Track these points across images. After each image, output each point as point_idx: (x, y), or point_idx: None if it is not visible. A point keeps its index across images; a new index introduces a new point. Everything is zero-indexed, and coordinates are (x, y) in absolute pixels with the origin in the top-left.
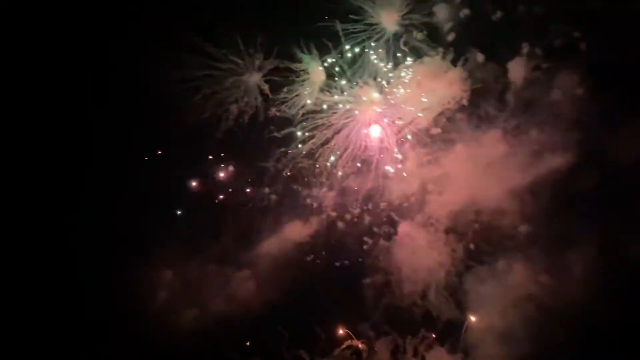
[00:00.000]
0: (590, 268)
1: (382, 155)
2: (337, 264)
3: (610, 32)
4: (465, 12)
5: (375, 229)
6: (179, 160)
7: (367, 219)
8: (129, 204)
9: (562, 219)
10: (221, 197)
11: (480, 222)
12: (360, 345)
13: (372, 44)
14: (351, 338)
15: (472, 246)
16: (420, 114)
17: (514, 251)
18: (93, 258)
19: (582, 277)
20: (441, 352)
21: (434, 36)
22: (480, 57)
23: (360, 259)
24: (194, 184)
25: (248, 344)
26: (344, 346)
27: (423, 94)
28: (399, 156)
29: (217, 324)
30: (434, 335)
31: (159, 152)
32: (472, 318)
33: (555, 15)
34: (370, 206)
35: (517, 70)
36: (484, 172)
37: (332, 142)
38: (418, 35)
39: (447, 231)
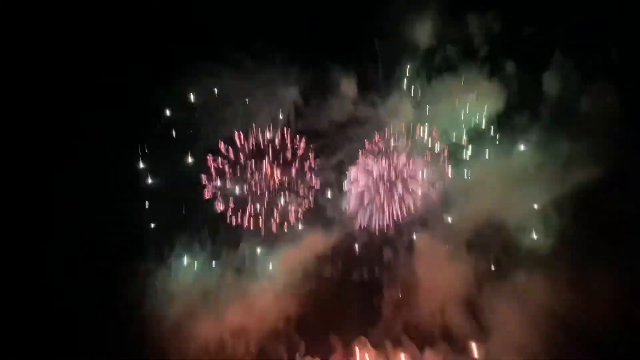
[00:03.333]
0: (612, 287)
1: (410, 168)
2: (357, 276)
3: None
4: (498, 25)
5: (397, 243)
6: (205, 169)
7: (389, 232)
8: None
9: (586, 236)
10: (245, 207)
11: (502, 237)
12: (375, 356)
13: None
14: (367, 348)
15: (492, 260)
16: (451, 127)
17: (535, 267)
18: None
19: (603, 296)
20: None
21: (469, 50)
22: (513, 69)
23: (379, 272)
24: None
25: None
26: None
27: (456, 108)
28: (426, 169)
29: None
30: (450, 349)
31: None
32: (489, 334)
33: (590, 26)
34: (393, 219)
35: (550, 82)
36: (510, 186)
37: (361, 156)
38: (453, 49)
39: (468, 245)
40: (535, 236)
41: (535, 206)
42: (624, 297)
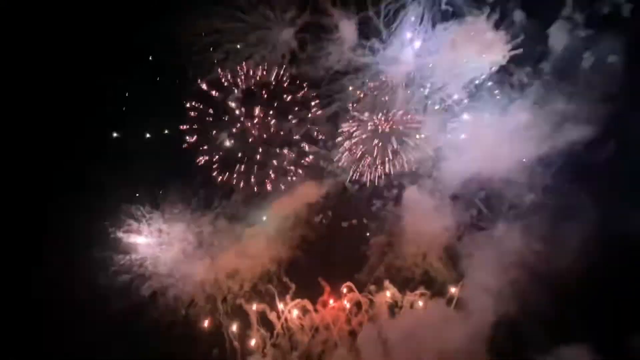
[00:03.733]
0: (585, 241)
1: (404, 119)
2: (345, 224)
3: None
4: None
5: (385, 193)
6: (195, 117)
7: (379, 182)
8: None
9: (568, 192)
10: (237, 155)
11: (487, 190)
12: (361, 298)
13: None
14: (353, 291)
15: (475, 213)
16: (450, 80)
17: (514, 219)
18: None
19: (576, 249)
20: (436, 305)
21: None
22: (522, 20)
23: (366, 220)
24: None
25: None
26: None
27: (458, 58)
28: (420, 122)
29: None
30: (429, 293)
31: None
32: (466, 278)
33: None
34: (383, 170)
35: (557, 37)
36: (501, 141)
37: (356, 106)
38: None
39: (454, 197)
40: (519, 191)
41: (523, 161)
42: (592, 250)
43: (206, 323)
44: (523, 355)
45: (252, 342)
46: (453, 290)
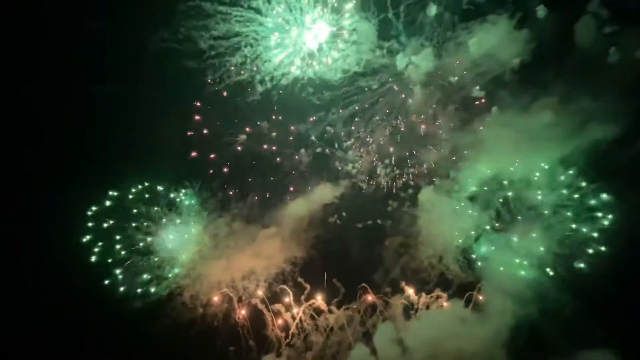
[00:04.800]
0: (607, 243)
1: (421, 119)
2: (360, 225)
3: None
4: None
5: (402, 194)
6: (214, 121)
7: (395, 183)
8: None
9: (590, 192)
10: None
11: (506, 191)
12: (376, 300)
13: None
14: (368, 293)
15: (493, 214)
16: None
17: (534, 221)
18: None
19: (596, 253)
20: (453, 308)
21: None
22: (545, 16)
23: (382, 221)
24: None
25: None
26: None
27: (479, 58)
28: (438, 122)
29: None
30: (445, 295)
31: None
32: (484, 281)
33: None
34: (400, 171)
35: (583, 34)
36: (522, 141)
37: (374, 107)
38: None
39: (472, 198)
40: (539, 193)
41: (543, 164)
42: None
43: (222, 322)
44: (542, 359)
45: (268, 342)
46: (471, 292)
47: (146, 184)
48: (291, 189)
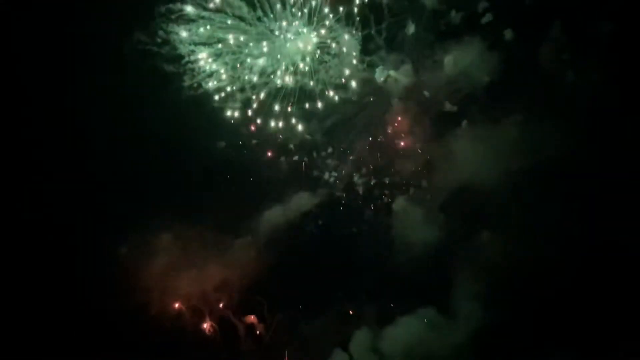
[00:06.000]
0: (571, 249)
1: (397, 130)
2: (336, 233)
3: None
4: None
5: (377, 203)
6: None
7: (369, 192)
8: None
9: (547, 206)
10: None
11: (472, 201)
12: (350, 309)
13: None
14: (342, 302)
15: (460, 223)
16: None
17: (496, 228)
18: None
19: (561, 257)
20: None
21: (474, 18)
22: (512, 40)
23: (356, 230)
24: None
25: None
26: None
27: (454, 75)
28: (412, 134)
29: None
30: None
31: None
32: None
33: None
34: (374, 180)
35: (545, 56)
36: (489, 154)
37: (354, 118)
38: (456, 15)
39: (442, 208)
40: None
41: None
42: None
43: (192, 335)
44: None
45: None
46: (442, 298)
47: None
48: (267, 196)
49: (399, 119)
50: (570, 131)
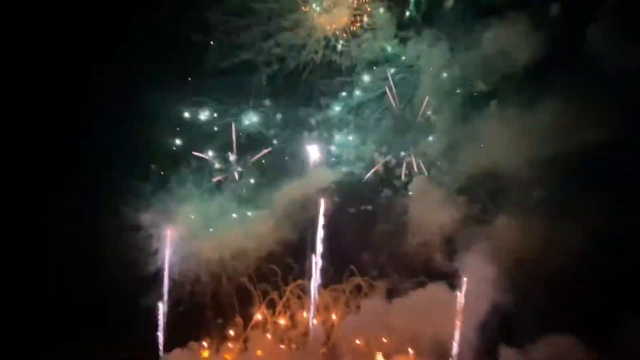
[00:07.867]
0: (583, 241)
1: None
2: (352, 209)
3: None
4: None
5: (394, 182)
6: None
7: (387, 171)
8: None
9: (572, 193)
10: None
11: (492, 185)
12: (362, 282)
13: None
14: (354, 275)
15: (479, 206)
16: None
17: (515, 215)
18: None
19: (571, 250)
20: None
21: None
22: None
23: (374, 208)
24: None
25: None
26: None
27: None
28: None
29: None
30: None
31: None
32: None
33: None
34: (396, 160)
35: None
36: (516, 136)
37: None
38: None
39: (459, 190)
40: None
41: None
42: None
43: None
44: (513, 341)
45: (254, 318)
46: (453, 279)
47: None
48: (286, 171)
49: (427, 98)
50: (608, 122)
